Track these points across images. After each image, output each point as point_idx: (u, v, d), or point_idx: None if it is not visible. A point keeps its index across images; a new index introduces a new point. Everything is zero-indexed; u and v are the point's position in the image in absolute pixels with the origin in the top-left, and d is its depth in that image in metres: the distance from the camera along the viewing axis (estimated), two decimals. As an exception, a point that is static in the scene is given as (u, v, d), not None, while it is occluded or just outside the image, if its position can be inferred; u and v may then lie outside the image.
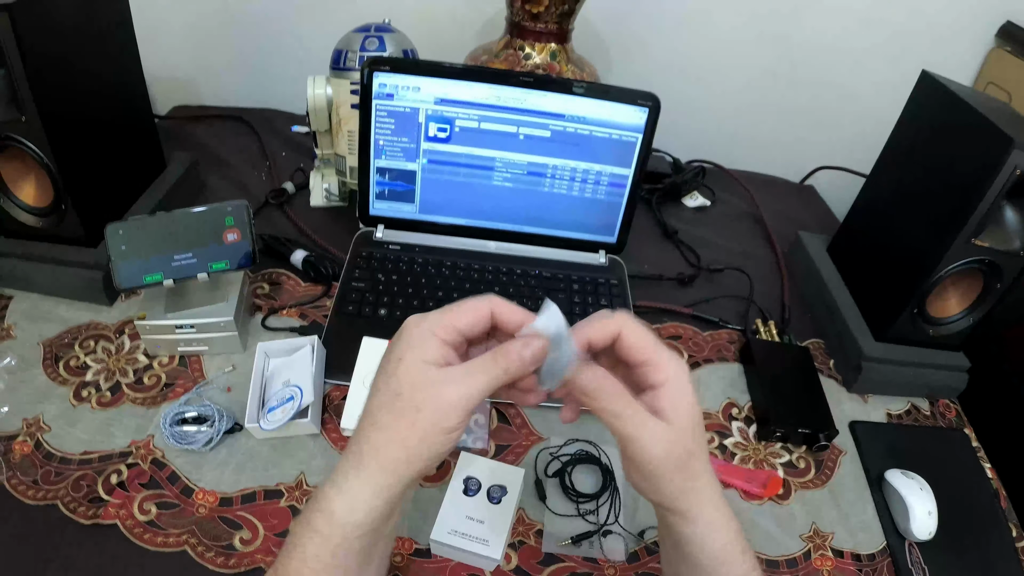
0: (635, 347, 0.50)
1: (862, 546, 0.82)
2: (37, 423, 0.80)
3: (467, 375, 0.47)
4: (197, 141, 1.33)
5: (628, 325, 0.50)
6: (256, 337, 0.93)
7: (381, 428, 0.48)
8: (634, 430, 0.48)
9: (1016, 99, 1.33)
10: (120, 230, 0.80)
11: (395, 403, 0.47)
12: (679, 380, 0.50)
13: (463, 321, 0.49)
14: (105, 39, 0.95)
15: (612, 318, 0.50)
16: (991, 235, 0.87)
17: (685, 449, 0.49)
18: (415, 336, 0.48)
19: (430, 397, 0.47)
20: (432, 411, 0.47)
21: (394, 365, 0.48)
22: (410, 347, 0.48)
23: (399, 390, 0.47)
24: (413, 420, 0.47)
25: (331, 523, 0.49)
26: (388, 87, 0.95)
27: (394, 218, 1.06)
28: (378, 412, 0.48)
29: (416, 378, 0.47)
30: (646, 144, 1.00)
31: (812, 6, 1.37)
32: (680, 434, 0.49)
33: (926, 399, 1.03)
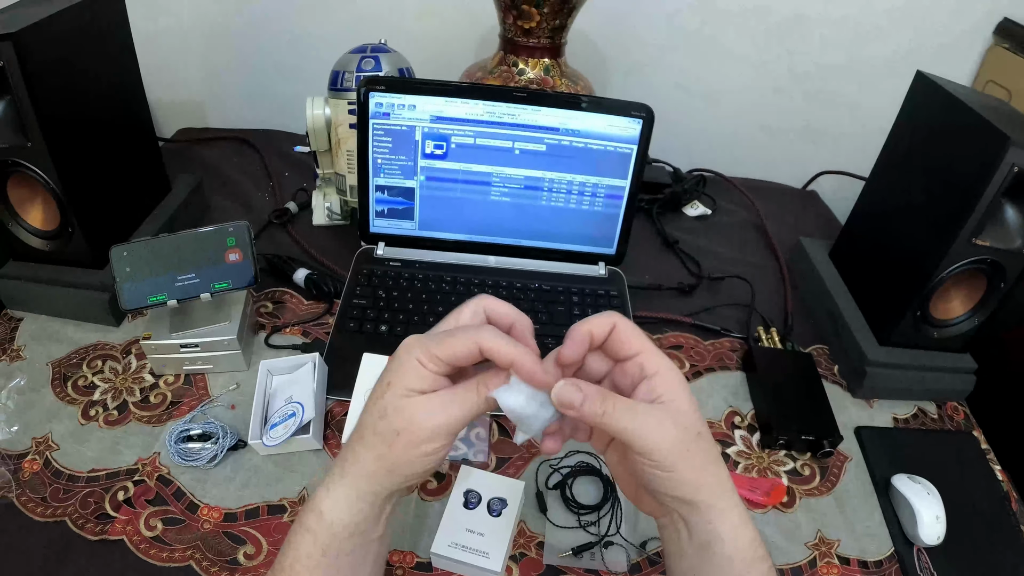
0: (629, 338, 0.51)
1: (869, 553, 0.81)
2: (46, 441, 0.82)
3: (448, 404, 0.49)
4: (202, 163, 1.35)
5: (621, 319, 0.51)
6: (259, 355, 0.94)
7: (366, 445, 0.51)
8: (631, 423, 0.48)
9: (1016, 96, 1.32)
10: (125, 252, 0.82)
11: (379, 423, 0.50)
12: (670, 369, 0.50)
13: (447, 353, 0.50)
14: (108, 65, 0.97)
15: (606, 315, 0.52)
16: (992, 234, 0.87)
17: (692, 429, 0.49)
18: (404, 364, 0.50)
19: (409, 423, 0.49)
20: (410, 435, 0.49)
21: (383, 388, 0.50)
22: (399, 373, 0.50)
23: (384, 412, 0.50)
24: (392, 442, 0.49)
25: (320, 521, 0.52)
26: (384, 106, 0.96)
27: (394, 235, 1.07)
28: (364, 429, 0.51)
29: (399, 403, 0.49)
30: (641, 155, 1.00)
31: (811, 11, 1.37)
32: (683, 415, 0.49)
33: (933, 402, 1.02)
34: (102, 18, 0.94)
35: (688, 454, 0.49)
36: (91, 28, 0.92)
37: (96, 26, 0.93)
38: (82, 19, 0.89)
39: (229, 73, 1.50)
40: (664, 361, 0.51)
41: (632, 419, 0.48)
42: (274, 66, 1.49)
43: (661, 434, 0.48)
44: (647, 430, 0.48)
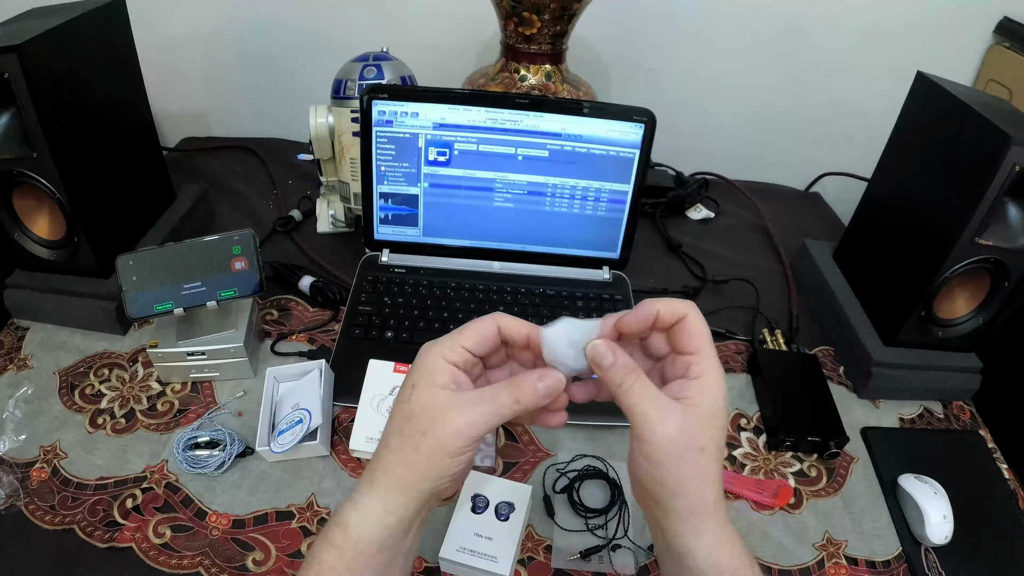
0: (694, 334, 0.50)
1: (877, 553, 0.81)
2: (54, 450, 0.82)
3: (475, 403, 0.49)
4: (206, 172, 1.35)
5: (694, 312, 0.50)
6: (266, 362, 0.94)
7: (392, 450, 0.50)
8: (642, 405, 0.48)
9: (1017, 95, 1.32)
10: (131, 261, 0.82)
11: (404, 426, 0.49)
12: (716, 382, 0.49)
13: (469, 341, 0.51)
14: (113, 75, 0.97)
15: (683, 302, 0.51)
16: (995, 233, 0.87)
17: (695, 440, 0.48)
18: (427, 362, 0.50)
19: (436, 421, 0.48)
20: (437, 435, 0.48)
21: (408, 391, 0.50)
22: (423, 373, 0.50)
23: (410, 414, 0.49)
24: (418, 443, 0.49)
25: (346, 536, 0.50)
26: (387, 114, 0.97)
27: (399, 242, 1.08)
28: (391, 435, 0.51)
29: (426, 402, 0.49)
30: (644, 159, 1.00)
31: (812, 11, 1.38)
32: (694, 423, 0.48)
33: (939, 402, 1.02)
34: (106, 29, 0.95)
35: (680, 460, 0.48)
36: (95, 39, 0.92)
37: (100, 37, 0.93)
38: (86, 30, 0.90)
39: (232, 82, 1.51)
40: (713, 372, 0.50)
41: (643, 403, 0.48)
42: (276, 75, 1.49)
43: (663, 429, 0.47)
44: (652, 419, 0.48)
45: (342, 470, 0.82)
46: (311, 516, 0.77)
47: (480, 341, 0.51)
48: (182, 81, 1.49)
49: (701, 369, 0.49)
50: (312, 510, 0.78)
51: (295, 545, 0.74)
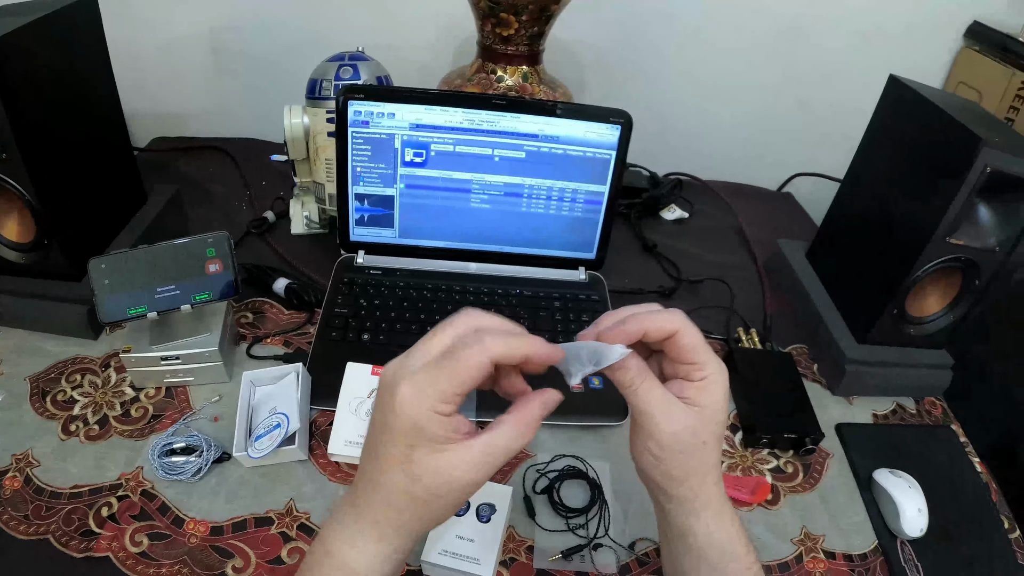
0: (688, 348, 0.51)
1: (854, 547, 0.82)
2: (26, 458, 0.80)
3: (487, 455, 0.47)
4: (178, 173, 1.34)
5: (686, 326, 0.51)
6: (241, 366, 0.93)
7: (400, 510, 0.48)
8: (650, 407, 0.51)
9: (986, 98, 1.35)
10: (103, 264, 0.81)
11: (413, 488, 0.46)
12: (718, 383, 0.52)
13: (464, 387, 0.46)
14: (84, 75, 0.96)
15: (671, 317, 0.51)
16: (966, 233, 0.88)
17: (698, 436, 0.52)
18: (419, 421, 0.45)
19: (452, 485, 0.47)
20: (455, 495, 0.47)
21: (405, 452, 0.46)
22: (418, 434, 0.45)
23: (417, 477, 0.46)
24: (434, 506, 0.48)
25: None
26: (363, 114, 0.96)
27: (374, 243, 1.07)
28: (394, 494, 0.48)
29: (435, 466, 0.46)
30: (620, 160, 1.01)
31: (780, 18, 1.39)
32: (698, 421, 0.51)
33: (911, 398, 1.03)
34: (77, 28, 0.93)
35: (682, 455, 0.52)
36: (66, 38, 0.90)
37: (71, 36, 0.92)
38: (57, 29, 0.88)
39: (204, 82, 1.49)
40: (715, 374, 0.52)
41: (651, 404, 0.51)
42: (249, 75, 1.48)
43: (670, 429, 0.51)
44: (659, 420, 0.51)
45: (321, 474, 0.81)
46: (291, 522, 0.76)
47: (474, 382, 0.46)
48: (153, 80, 1.47)
49: (702, 374, 0.52)
50: (291, 515, 0.77)
51: (275, 552, 0.74)
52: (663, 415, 0.51)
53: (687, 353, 0.52)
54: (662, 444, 0.52)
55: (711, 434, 0.52)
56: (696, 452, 0.52)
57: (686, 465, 0.53)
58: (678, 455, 0.52)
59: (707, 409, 0.52)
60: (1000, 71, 1.32)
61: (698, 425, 0.51)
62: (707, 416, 0.52)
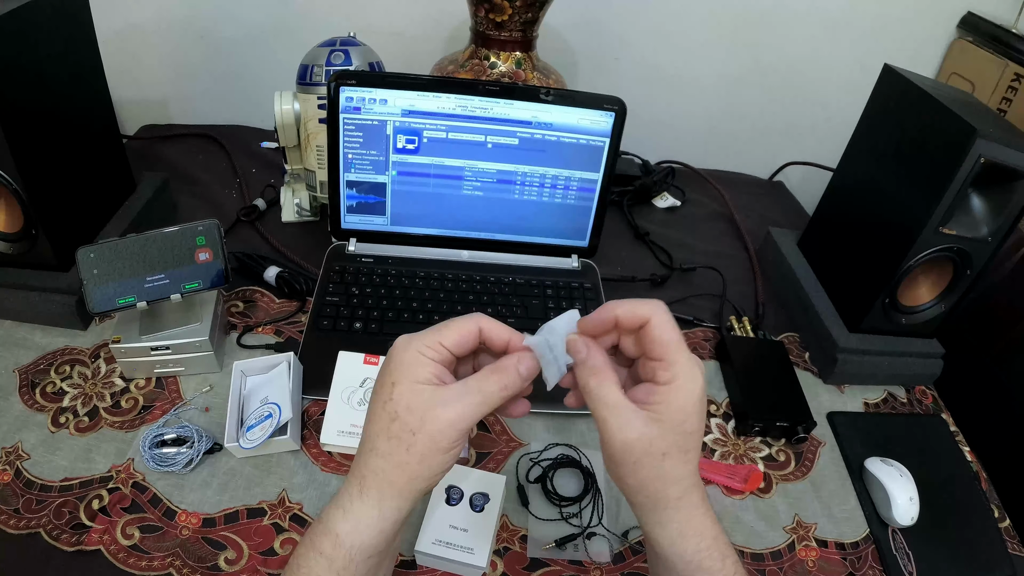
0: (657, 341, 0.49)
1: (846, 535, 0.83)
2: (16, 451, 0.79)
3: (463, 395, 0.48)
4: (167, 161, 1.32)
5: (659, 316, 0.49)
6: (232, 356, 0.92)
7: (380, 454, 0.48)
8: (604, 411, 0.48)
9: (979, 88, 1.35)
10: (91, 254, 0.80)
11: (391, 427, 0.47)
12: (685, 387, 0.48)
13: (451, 339, 0.49)
14: (71, 62, 0.94)
15: (646, 305, 0.50)
16: (959, 223, 0.89)
17: (655, 447, 0.48)
18: (406, 359, 0.48)
19: (426, 419, 0.47)
20: (428, 433, 0.47)
21: (388, 389, 0.48)
22: (402, 370, 0.48)
23: (395, 414, 0.47)
24: (410, 443, 0.47)
25: (336, 545, 0.49)
26: (355, 101, 0.95)
27: (366, 231, 1.06)
28: (376, 438, 0.48)
29: (411, 400, 0.47)
30: (613, 148, 1.00)
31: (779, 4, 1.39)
32: (655, 431, 0.47)
33: (902, 387, 1.04)
34: (64, 14, 0.92)
35: (637, 465, 0.49)
36: (53, 24, 0.89)
37: (58, 23, 0.90)
38: (43, 15, 0.87)
39: (193, 68, 1.48)
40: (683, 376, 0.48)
41: (604, 409, 0.48)
42: (239, 60, 1.46)
43: (621, 437, 0.48)
44: (611, 426, 0.48)
45: (313, 464, 0.81)
46: (283, 512, 0.76)
47: (460, 341, 0.50)
48: (142, 67, 1.45)
49: (669, 375, 0.48)
50: (284, 506, 0.77)
51: (268, 543, 0.73)
52: (616, 421, 0.48)
53: (656, 347, 0.49)
54: (613, 452, 0.49)
55: (673, 445, 0.48)
56: (652, 463, 0.48)
57: (638, 475, 0.49)
58: (631, 464, 0.48)
59: (668, 418, 0.48)
60: (993, 62, 1.32)
61: (655, 435, 0.48)
62: (668, 426, 0.48)
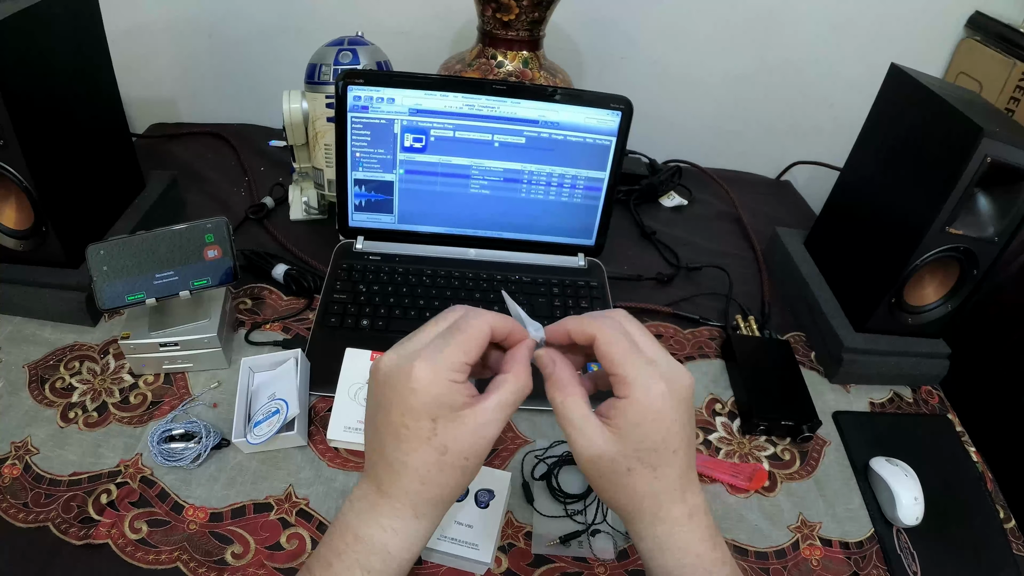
0: (605, 357, 0.48)
1: (850, 534, 0.83)
2: (25, 446, 0.80)
3: (497, 410, 0.48)
4: (176, 159, 1.33)
5: (604, 332, 0.49)
6: (240, 352, 0.93)
7: (436, 484, 0.48)
8: (569, 427, 0.49)
9: (986, 88, 1.35)
10: (101, 251, 0.81)
11: (443, 459, 0.47)
12: (641, 401, 0.47)
13: (473, 355, 0.48)
14: (81, 61, 0.95)
15: (594, 320, 0.50)
16: (965, 223, 0.88)
17: (619, 464, 0.48)
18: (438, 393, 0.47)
19: (476, 445, 0.47)
20: (478, 455, 0.48)
21: (429, 426, 0.47)
22: (439, 406, 0.47)
23: (444, 448, 0.47)
24: (464, 467, 0.48)
25: (387, 561, 0.49)
26: (363, 99, 0.96)
27: (374, 229, 1.07)
28: (428, 470, 0.48)
29: (457, 433, 0.47)
30: (620, 147, 1.01)
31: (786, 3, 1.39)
32: (618, 448, 0.47)
33: (908, 387, 1.04)
34: (74, 13, 0.92)
35: (602, 479, 0.49)
36: (63, 23, 0.90)
37: (68, 21, 0.91)
38: (54, 14, 0.87)
39: (202, 67, 1.48)
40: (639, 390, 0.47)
41: (568, 425, 0.49)
42: (248, 59, 1.47)
43: (586, 454, 0.48)
44: (576, 442, 0.49)
45: (320, 460, 0.82)
46: (289, 508, 0.77)
47: (479, 351, 0.49)
48: (151, 66, 1.46)
49: (624, 390, 0.48)
50: (291, 501, 0.77)
51: (274, 537, 0.74)
52: (578, 438, 0.48)
53: (606, 363, 0.48)
54: (581, 467, 0.49)
55: (636, 461, 0.48)
56: (617, 479, 0.48)
57: (606, 490, 0.50)
58: (598, 480, 0.49)
59: (627, 434, 0.47)
60: (1001, 62, 1.32)
61: (616, 452, 0.47)
62: (628, 442, 0.47)
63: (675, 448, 0.48)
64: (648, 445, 0.48)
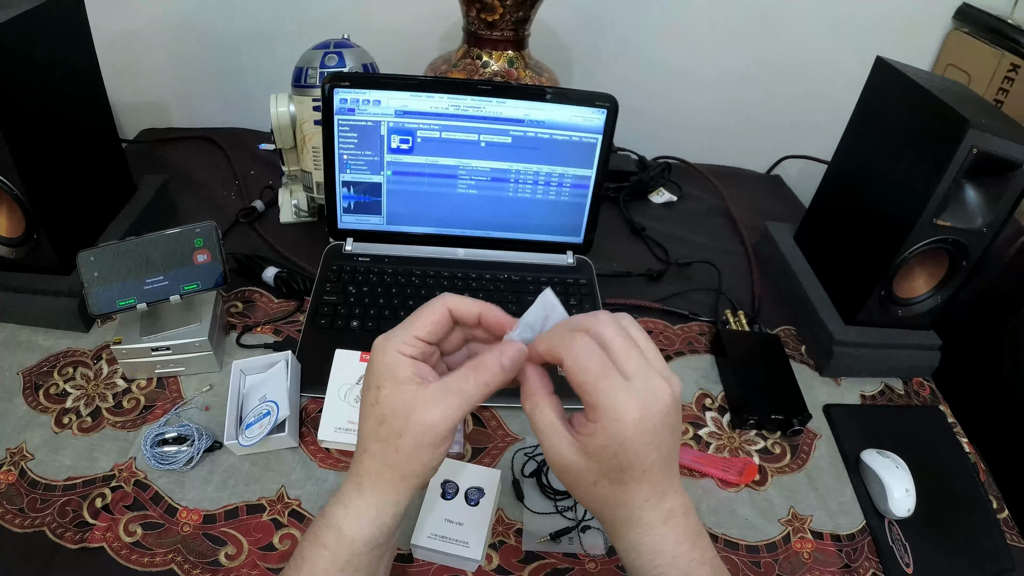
0: (573, 384, 0.47)
1: (842, 527, 0.83)
2: (20, 452, 0.80)
3: (444, 395, 0.49)
4: (167, 163, 1.34)
5: (570, 357, 0.46)
6: (231, 355, 0.93)
7: (372, 455, 0.51)
8: (539, 435, 0.50)
9: (975, 80, 1.35)
10: (92, 257, 0.81)
11: (379, 430, 0.49)
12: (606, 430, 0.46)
13: (423, 330, 0.51)
14: (69, 68, 0.96)
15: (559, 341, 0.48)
16: (953, 214, 0.89)
17: (585, 477, 0.48)
18: (387, 360, 0.50)
19: (410, 421, 0.48)
20: (413, 435, 0.49)
21: (374, 394, 0.50)
22: (385, 372, 0.49)
23: (382, 417, 0.49)
24: (397, 445, 0.49)
25: (339, 538, 0.51)
26: (349, 102, 0.96)
27: (363, 230, 1.07)
28: (368, 440, 0.51)
29: (395, 403, 0.49)
30: (606, 144, 1.01)
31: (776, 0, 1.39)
32: (585, 463, 0.48)
33: (899, 379, 1.04)
34: (62, 21, 0.93)
35: (573, 486, 0.50)
36: (51, 31, 0.90)
37: (56, 29, 0.91)
38: (41, 22, 0.88)
39: (192, 72, 1.49)
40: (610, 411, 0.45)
41: (541, 435, 0.49)
42: (237, 64, 1.47)
43: (556, 461, 0.49)
44: (545, 448, 0.49)
45: (311, 461, 0.82)
46: (282, 508, 0.77)
47: (433, 329, 0.51)
48: (142, 71, 1.46)
49: (594, 415, 0.46)
50: (283, 502, 0.78)
51: (267, 538, 0.74)
52: (547, 445, 0.49)
53: (576, 390, 0.47)
54: (558, 470, 0.50)
55: (601, 475, 0.48)
56: (585, 488, 0.49)
57: (578, 495, 0.51)
58: (568, 485, 0.50)
59: (594, 452, 0.47)
60: (989, 53, 1.32)
61: (582, 465, 0.48)
62: (595, 459, 0.47)
63: (646, 468, 0.47)
64: (615, 465, 0.47)
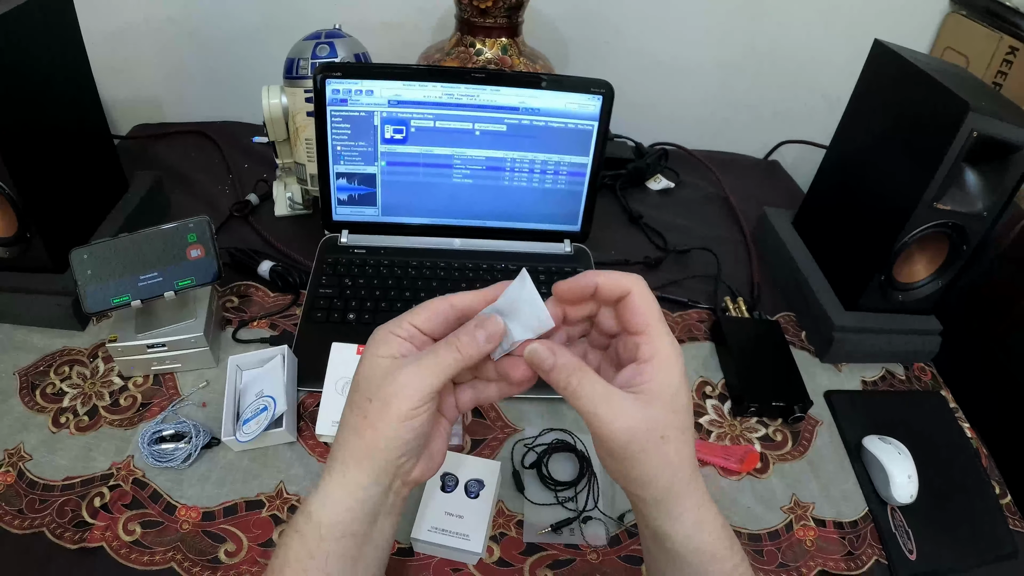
0: (640, 312, 0.47)
1: (844, 514, 0.83)
2: (18, 452, 0.80)
3: (418, 360, 0.48)
4: (160, 159, 1.33)
5: (640, 287, 0.48)
6: (228, 351, 0.93)
7: (346, 427, 0.50)
8: (592, 405, 0.45)
9: (974, 62, 1.34)
10: (85, 255, 0.80)
11: (352, 397, 0.49)
12: (668, 361, 0.47)
13: (420, 318, 0.50)
14: (59, 65, 0.94)
15: (627, 276, 0.48)
16: (953, 198, 0.88)
17: (655, 431, 0.46)
18: (376, 338, 0.50)
19: (381, 385, 0.47)
20: (382, 398, 0.47)
21: (357, 368, 0.50)
22: (370, 348, 0.50)
23: (356, 384, 0.49)
24: (366, 411, 0.48)
25: (308, 522, 0.49)
26: (341, 92, 0.95)
27: (358, 222, 1.06)
28: (346, 413, 0.50)
29: (371, 371, 0.48)
30: (602, 131, 1.00)
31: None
32: (652, 413, 0.45)
33: (900, 364, 1.04)
34: (51, 18, 0.92)
35: (643, 454, 0.46)
36: (40, 29, 0.89)
37: (45, 26, 0.90)
38: (30, 20, 0.87)
39: (185, 66, 1.47)
40: (665, 350, 0.47)
41: (591, 403, 0.46)
42: (230, 56, 1.46)
43: (618, 426, 0.45)
44: (604, 419, 0.45)
45: (310, 456, 0.82)
46: (281, 504, 0.77)
47: (430, 317, 0.50)
48: (134, 67, 1.45)
49: (651, 350, 0.47)
50: (282, 498, 0.77)
51: (267, 534, 0.74)
52: (608, 411, 0.45)
53: (638, 319, 0.47)
54: (614, 445, 0.45)
55: (669, 425, 0.46)
56: (655, 449, 0.46)
57: (644, 464, 0.46)
58: (637, 455, 0.46)
59: (658, 394, 0.46)
60: (988, 36, 1.31)
61: (651, 417, 0.45)
62: (661, 405, 0.46)
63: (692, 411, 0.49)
64: (679, 405, 0.47)
